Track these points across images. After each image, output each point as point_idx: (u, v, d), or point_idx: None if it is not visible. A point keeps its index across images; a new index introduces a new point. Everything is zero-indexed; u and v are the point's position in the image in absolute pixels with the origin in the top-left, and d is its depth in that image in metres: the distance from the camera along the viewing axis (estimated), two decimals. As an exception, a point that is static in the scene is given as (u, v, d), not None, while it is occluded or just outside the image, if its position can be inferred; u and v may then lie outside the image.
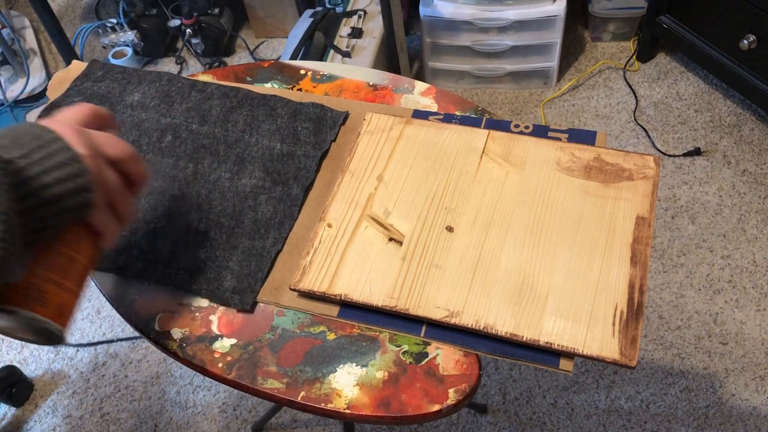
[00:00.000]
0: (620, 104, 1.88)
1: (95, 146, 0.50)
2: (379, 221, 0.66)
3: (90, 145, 0.50)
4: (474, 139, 0.72)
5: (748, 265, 1.53)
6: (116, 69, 0.86)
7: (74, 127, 0.50)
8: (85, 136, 0.50)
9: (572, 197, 0.66)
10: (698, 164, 1.72)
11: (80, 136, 0.49)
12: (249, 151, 0.75)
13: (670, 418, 1.34)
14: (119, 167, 0.52)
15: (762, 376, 1.37)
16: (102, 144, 0.51)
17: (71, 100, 0.82)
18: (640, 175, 0.67)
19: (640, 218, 0.64)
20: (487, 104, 1.95)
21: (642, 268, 0.60)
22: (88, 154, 0.49)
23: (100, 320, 1.62)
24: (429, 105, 0.79)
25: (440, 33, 1.85)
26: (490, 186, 0.68)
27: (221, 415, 1.45)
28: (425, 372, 0.59)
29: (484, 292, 0.60)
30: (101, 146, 0.51)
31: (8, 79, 2.08)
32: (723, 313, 1.46)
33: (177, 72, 2.18)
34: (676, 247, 1.57)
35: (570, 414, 1.36)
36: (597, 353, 0.56)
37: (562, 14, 1.75)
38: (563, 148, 0.70)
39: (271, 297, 0.64)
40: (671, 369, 1.40)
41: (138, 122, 0.79)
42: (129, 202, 0.54)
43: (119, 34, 2.15)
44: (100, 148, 0.51)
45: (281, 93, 0.82)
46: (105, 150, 0.51)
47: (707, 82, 1.91)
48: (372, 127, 0.75)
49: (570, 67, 2.00)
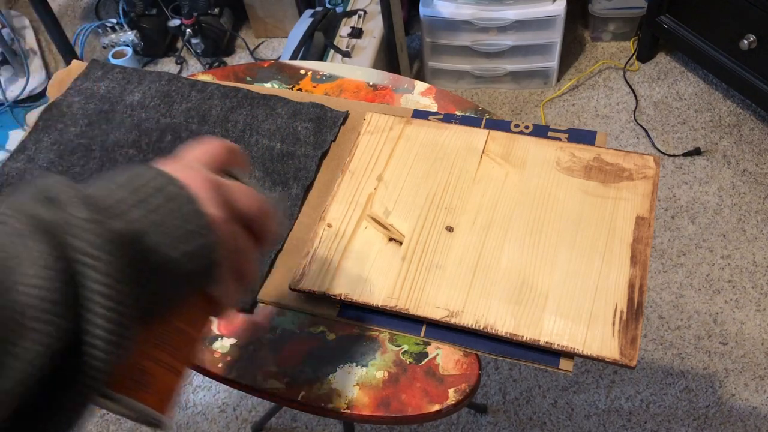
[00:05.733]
0: (620, 104, 1.88)
1: (229, 203, 0.41)
2: (379, 221, 0.66)
3: (223, 202, 0.40)
4: (474, 139, 0.72)
5: (748, 265, 1.53)
6: (116, 69, 0.86)
7: (206, 177, 0.40)
8: (218, 191, 0.40)
9: (572, 197, 0.66)
10: (698, 164, 1.72)
11: (213, 190, 0.39)
12: (249, 151, 0.75)
13: (670, 418, 1.34)
14: (250, 224, 0.43)
15: (762, 376, 1.37)
16: (237, 199, 0.41)
17: (71, 100, 0.82)
18: (640, 175, 0.67)
19: (640, 218, 0.64)
20: (487, 104, 1.95)
21: (642, 268, 0.60)
22: (221, 216, 0.39)
23: (100, 320, 1.62)
24: (429, 105, 0.79)
25: (440, 33, 1.85)
26: (490, 186, 0.68)
27: (221, 415, 1.45)
28: (425, 372, 0.59)
29: (484, 292, 0.60)
30: (236, 202, 0.41)
31: (8, 79, 2.08)
32: (723, 313, 1.46)
33: (177, 72, 2.18)
34: (676, 247, 1.57)
35: (570, 414, 1.36)
36: (597, 353, 0.56)
37: (562, 14, 1.75)
38: (563, 148, 0.70)
39: (271, 297, 0.64)
40: (671, 369, 1.40)
41: (138, 122, 0.79)
42: (255, 265, 0.44)
43: (119, 34, 2.15)
44: (234, 204, 0.41)
45: (281, 93, 0.82)
46: (239, 206, 0.41)
47: (707, 82, 1.91)
48: (372, 127, 0.75)
49: (570, 67, 2.00)
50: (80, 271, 0.32)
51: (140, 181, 0.37)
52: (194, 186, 0.38)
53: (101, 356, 0.33)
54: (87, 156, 0.76)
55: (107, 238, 0.33)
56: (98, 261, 0.32)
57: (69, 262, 0.32)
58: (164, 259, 0.36)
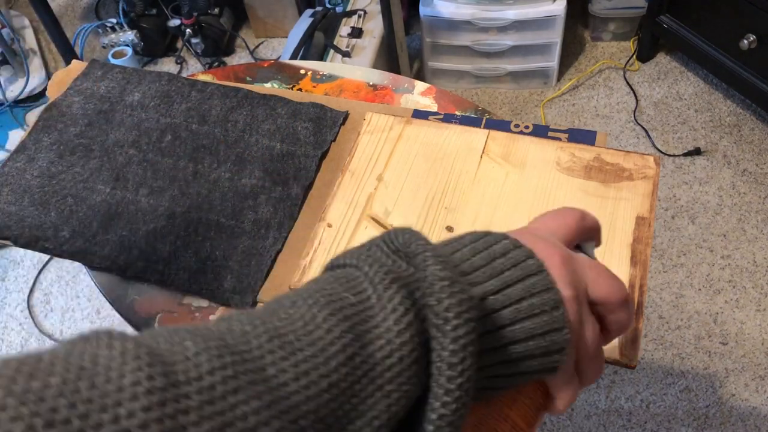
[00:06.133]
0: (620, 104, 1.88)
1: (581, 285, 0.35)
2: (379, 221, 0.66)
3: (576, 283, 0.35)
4: (474, 139, 0.72)
5: (748, 265, 1.53)
6: (116, 69, 0.86)
7: (561, 252, 0.35)
8: (572, 269, 0.35)
9: (572, 197, 0.66)
10: (698, 164, 1.72)
11: (567, 268, 0.35)
12: (249, 151, 0.75)
13: (670, 418, 1.34)
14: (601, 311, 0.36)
15: (762, 376, 1.37)
16: (591, 282, 0.36)
17: (71, 100, 0.82)
18: (640, 175, 0.67)
19: (640, 218, 0.64)
20: (487, 104, 1.95)
21: (642, 268, 0.60)
22: (572, 296, 0.34)
23: (100, 320, 1.62)
24: (429, 105, 0.79)
25: (440, 33, 1.85)
26: (490, 186, 0.68)
27: (221, 415, 1.44)
28: (425, 372, 0.59)
29: (484, 292, 0.60)
30: (589, 285, 0.36)
31: (8, 79, 2.08)
32: (723, 313, 1.46)
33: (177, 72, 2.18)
34: (676, 247, 1.57)
35: (570, 414, 1.36)
36: (597, 353, 0.56)
37: (562, 14, 1.75)
38: (563, 147, 0.70)
39: (271, 297, 0.64)
40: (671, 369, 1.40)
41: (138, 122, 0.79)
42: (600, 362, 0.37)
43: (119, 33, 2.15)
44: (588, 287, 0.36)
45: (281, 93, 0.82)
46: (593, 291, 0.36)
47: (707, 82, 1.91)
48: (372, 127, 0.74)
49: (570, 67, 2.00)
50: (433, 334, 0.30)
51: (497, 249, 0.34)
52: (550, 264, 0.34)
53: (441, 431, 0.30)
54: (87, 156, 0.76)
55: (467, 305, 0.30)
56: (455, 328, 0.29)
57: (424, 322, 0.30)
58: (510, 339, 0.33)
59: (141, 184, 0.73)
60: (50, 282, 1.69)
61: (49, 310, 1.64)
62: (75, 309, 1.63)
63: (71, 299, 1.65)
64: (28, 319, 1.62)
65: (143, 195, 0.72)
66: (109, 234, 0.69)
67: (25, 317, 1.62)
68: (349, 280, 0.31)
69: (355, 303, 0.30)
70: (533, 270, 0.33)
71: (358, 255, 0.32)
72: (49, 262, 1.72)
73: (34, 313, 1.63)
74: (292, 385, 0.26)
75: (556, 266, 0.34)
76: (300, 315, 0.29)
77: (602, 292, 0.36)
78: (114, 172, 0.74)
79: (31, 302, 1.65)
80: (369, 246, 0.33)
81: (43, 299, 1.66)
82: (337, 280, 0.32)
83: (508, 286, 0.33)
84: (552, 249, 0.35)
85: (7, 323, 1.62)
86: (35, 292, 1.67)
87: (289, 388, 0.26)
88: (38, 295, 1.67)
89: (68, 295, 1.66)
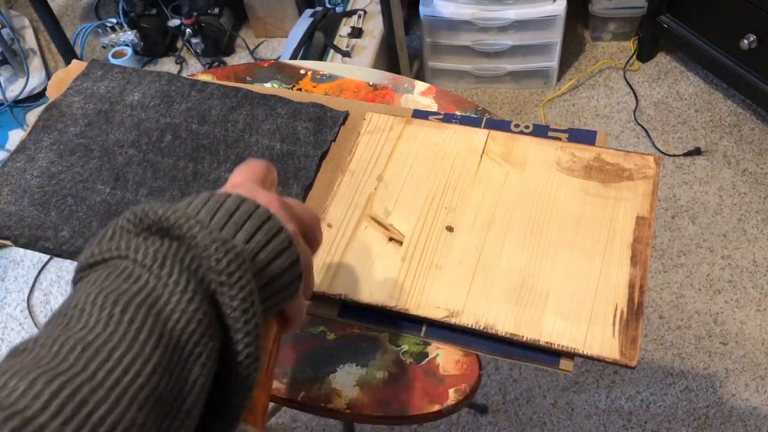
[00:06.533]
0: (620, 104, 1.88)
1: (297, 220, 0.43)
2: (379, 221, 0.66)
3: (294, 219, 0.42)
4: (474, 139, 0.72)
5: (749, 265, 1.53)
6: (116, 69, 0.86)
7: (277, 198, 0.42)
8: (288, 210, 0.42)
9: (572, 197, 0.66)
10: (698, 164, 1.72)
11: (285, 209, 0.42)
12: (249, 151, 0.75)
13: (670, 418, 1.34)
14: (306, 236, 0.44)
15: (762, 376, 1.37)
16: (299, 215, 0.43)
17: (71, 100, 0.82)
18: (641, 174, 0.67)
19: (640, 218, 0.64)
20: (487, 104, 1.95)
21: (642, 268, 0.60)
22: (295, 231, 0.41)
23: (100, 320, 1.62)
24: (429, 105, 0.79)
25: (440, 33, 1.85)
26: (490, 186, 0.68)
27: (221, 415, 1.44)
28: (425, 372, 0.59)
29: (484, 292, 0.60)
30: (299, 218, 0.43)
31: (8, 79, 2.08)
32: (723, 313, 1.46)
33: (177, 72, 2.18)
34: (676, 247, 1.57)
35: (570, 414, 1.36)
36: (597, 353, 0.56)
37: (562, 14, 1.75)
38: (563, 147, 0.70)
39: (271, 297, 0.64)
40: (671, 369, 1.40)
41: (138, 122, 0.79)
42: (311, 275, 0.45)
43: (119, 33, 2.15)
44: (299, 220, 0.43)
45: (281, 93, 0.82)
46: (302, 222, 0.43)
47: (707, 81, 1.91)
48: (372, 127, 0.74)
49: (570, 66, 2.00)
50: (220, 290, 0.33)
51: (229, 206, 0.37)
52: (272, 208, 0.40)
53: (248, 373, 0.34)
54: (87, 156, 0.76)
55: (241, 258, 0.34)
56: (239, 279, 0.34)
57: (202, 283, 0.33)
58: (269, 278, 0.37)
59: (141, 184, 0.73)
60: (50, 282, 1.69)
61: (49, 310, 1.64)
62: (75, 309, 1.63)
63: (71, 299, 1.65)
64: (28, 319, 1.62)
65: (143, 195, 0.72)
66: (109, 234, 0.69)
67: (25, 317, 1.62)
68: (121, 272, 0.33)
69: (138, 290, 0.32)
70: (265, 217, 0.38)
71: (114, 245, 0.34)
72: (49, 262, 1.72)
73: (34, 313, 1.63)
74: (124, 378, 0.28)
75: (278, 209, 0.40)
76: (95, 319, 0.31)
77: (307, 221, 0.43)
78: (114, 172, 0.74)
79: (31, 302, 1.65)
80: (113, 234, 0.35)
81: (43, 299, 1.66)
82: (108, 276, 0.33)
83: (253, 235, 0.37)
84: (268, 196, 0.41)
85: (7, 323, 1.62)
86: (35, 292, 1.67)
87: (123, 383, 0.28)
88: (38, 295, 1.67)
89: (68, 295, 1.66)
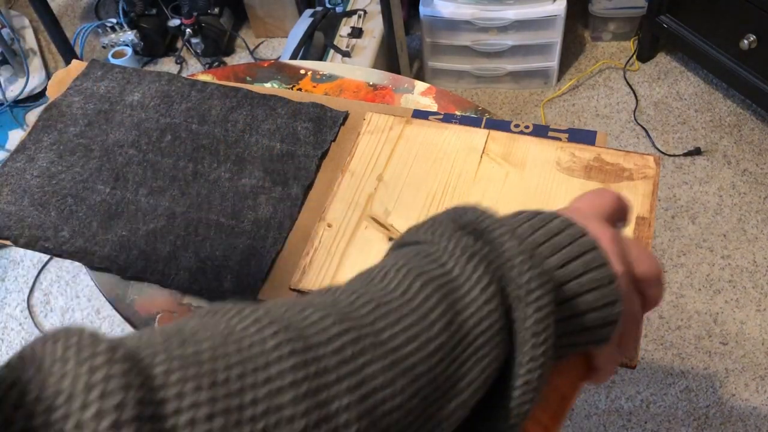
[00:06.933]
0: (620, 104, 1.88)
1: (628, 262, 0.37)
2: (379, 221, 0.66)
3: (624, 260, 0.37)
4: (474, 139, 0.72)
5: (749, 265, 1.53)
6: (116, 69, 0.86)
7: (610, 230, 0.37)
8: (620, 247, 0.37)
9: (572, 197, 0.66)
10: (698, 164, 1.72)
11: (617, 245, 0.37)
12: (249, 151, 0.75)
13: (670, 418, 1.34)
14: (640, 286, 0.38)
15: (762, 376, 1.37)
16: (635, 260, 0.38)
17: (71, 100, 0.82)
18: (641, 175, 0.67)
19: (640, 218, 0.64)
20: (487, 104, 1.95)
21: (642, 268, 0.60)
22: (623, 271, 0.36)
23: (100, 320, 1.62)
24: (429, 105, 0.79)
25: (440, 33, 1.85)
26: (490, 186, 0.68)
27: (221, 415, 1.44)
28: (425, 372, 0.59)
29: (484, 292, 0.60)
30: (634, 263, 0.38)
31: (8, 79, 2.08)
32: (723, 313, 1.46)
33: (177, 72, 2.18)
34: (676, 247, 1.57)
35: (570, 414, 1.36)
36: (597, 353, 0.55)
37: (562, 14, 1.75)
38: (563, 147, 0.70)
39: (271, 297, 0.64)
40: (671, 369, 1.40)
41: (138, 122, 0.79)
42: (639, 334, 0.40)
43: (119, 33, 2.15)
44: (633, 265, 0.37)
45: (281, 93, 0.82)
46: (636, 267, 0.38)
47: (707, 81, 1.91)
48: (372, 127, 0.74)
49: (570, 67, 2.00)
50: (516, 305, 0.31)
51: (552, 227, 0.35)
52: (602, 241, 0.36)
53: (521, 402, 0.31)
54: (87, 156, 0.76)
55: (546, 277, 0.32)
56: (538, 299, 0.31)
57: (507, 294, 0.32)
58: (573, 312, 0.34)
59: (141, 184, 0.73)
60: (50, 282, 1.69)
61: (49, 310, 1.64)
62: (75, 309, 1.63)
63: (71, 299, 1.65)
64: (28, 319, 1.62)
65: (143, 195, 0.72)
66: (108, 234, 0.69)
67: (25, 317, 1.62)
68: (428, 254, 0.32)
69: (442, 274, 0.31)
70: (589, 246, 0.34)
71: (430, 232, 0.34)
72: (49, 262, 1.72)
73: (34, 313, 1.63)
74: (406, 347, 0.28)
75: (607, 243, 0.36)
76: (396, 284, 0.31)
77: (644, 269, 0.37)
78: (114, 172, 0.74)
79: (31, 302, 1.65)
80: (433, 224, 0.34)
81: (43, 299, 1.66)
82: (417, 254, 0.33)
83: (569, 261, 0.34)
84: (602, 227, 0.37)
85: (7, 323, 1.62)
86: (35, 292, 1.67)
87: (404, 350, 0.28)
88: (38, 295, 1.67)
89: (68, 295, 1.66)
